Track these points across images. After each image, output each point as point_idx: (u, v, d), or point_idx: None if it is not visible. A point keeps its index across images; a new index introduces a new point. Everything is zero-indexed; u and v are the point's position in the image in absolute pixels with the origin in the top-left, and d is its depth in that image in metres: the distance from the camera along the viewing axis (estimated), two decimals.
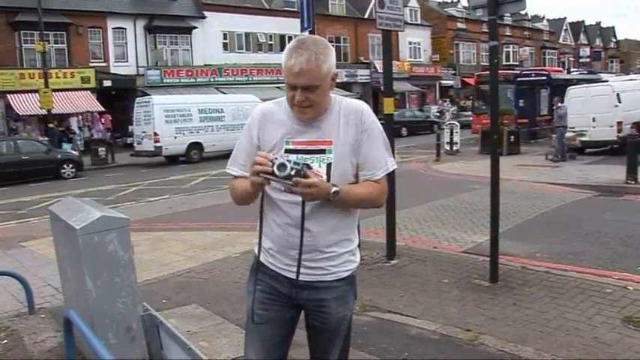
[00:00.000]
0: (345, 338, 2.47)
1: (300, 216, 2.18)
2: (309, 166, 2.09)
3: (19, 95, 25.41)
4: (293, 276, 2.28)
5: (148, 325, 3.53)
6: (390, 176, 2.34)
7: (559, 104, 17.69)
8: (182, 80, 31.40)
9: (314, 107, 2.18)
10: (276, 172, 2.02)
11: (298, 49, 2.12)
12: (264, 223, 2.31)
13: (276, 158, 2.04)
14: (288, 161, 2.03)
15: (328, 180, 2.18)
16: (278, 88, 32.14)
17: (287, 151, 2.20)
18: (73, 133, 26.11)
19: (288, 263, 2.28)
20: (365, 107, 2.31)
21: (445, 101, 41.54)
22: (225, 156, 18.73)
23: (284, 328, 2.38)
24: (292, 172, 2.02)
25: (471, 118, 27.05)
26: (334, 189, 2.11)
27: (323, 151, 2.20)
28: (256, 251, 2.40)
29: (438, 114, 35.73)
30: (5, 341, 4.62)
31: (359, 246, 2.44)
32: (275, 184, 2.13)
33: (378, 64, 36.56)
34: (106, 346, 2.52)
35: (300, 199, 2.16)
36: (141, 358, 3.51)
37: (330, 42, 2.28)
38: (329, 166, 2.19)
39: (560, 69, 36.51)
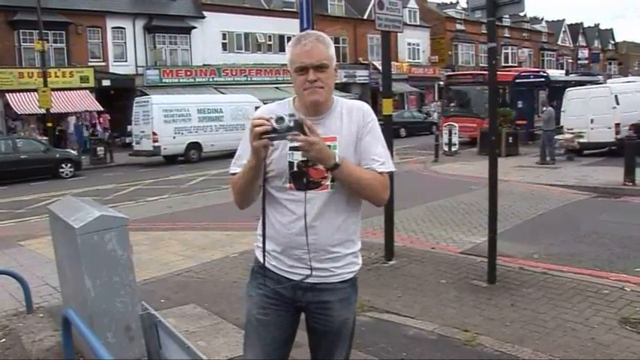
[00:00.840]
0: (348, 343, 2.46)
1: (308, 213, 2.20)
2: None
3: (17, 94, 25.37)
4: (297, 277, 2.28)
5: (147, 324, 3.53)
6: (389, 177, 2.35)
7: (544, 108, 17.60)
8: (181, 80, 31.37)
9: (325, 89, 2.22)
10: (275, 125, 2.01)
11: (304, 35, 2.26)
12: (267, 224, 2.31)
13: (271, 117, 2.03)
14: (286, 115, 2.03)
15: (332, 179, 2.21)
16: (277, 88, 32.15)
17: (291, 148, 2.20)
18: (105, 130, 26.10)
19: (292, 265, 2.28)
20: (366, 106, 2.37)
21: (433, 102, 41.31)
22: (223, 156, 18.67)
23: (285, 332, 2.38)
24: (291, 124, 2.01)
25: (440, 121, 26.57)
26: (338, 155, 2.14)
27: (328, 147, 2.20)
28: (258, 254, 2.39)
29: (424, 115, 35.61)
30: (3, 340, 4.63)
31: None
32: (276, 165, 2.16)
33: (377, 65, 36.58)
34: (104, 346, 2.53)
35: (308, 195, 2.20)
36: (139, 357, 3.51)
37: None
38: None
39: (533, 69, 35.83)
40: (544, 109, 17.57)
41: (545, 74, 25.88)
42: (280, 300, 2.33)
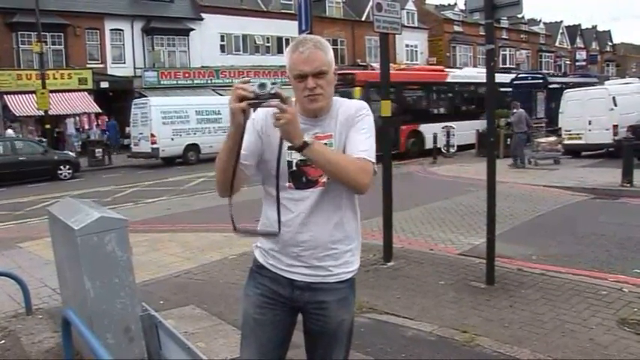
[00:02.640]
0: (346, 344, 2.46)
1: (306, 210, 2.23)
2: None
3: (16, 96, 25.37)
4: (295, 277, 2.29)
5: (147, 325, 3.54)
6: (388, 178, 2.36)
7: (514, 110, 17.44)
8: (179, 82, 31.35)
9: (324, 95, 2.22)
10: (258, 91, 2.00)
11: (302, 41, 2.23)
12: (266, 224, 2.33)
13: (253, 83, 2.02)
14: (269, 81, 2.02)
15: None
16: None
17: (290, 147, 2.19)
18: (104, 132, 26.22)
19: (290, 263, 2.29)
20: (363, 103, 2.37)
21: None
22: None
23: (281, 332, 2.38)
24: (272, 92, 2.00)
25: None
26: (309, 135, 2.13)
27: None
28: (257, 254, 2.40)
29: None
30: (3, 341, 4.64)
31: None
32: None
33: (376, 67, 36.56)
34: (104, 347, 2.53)
35: (306, 194, 2.22)
36: (139, 358, 3.52)
37: None
38: None
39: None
40: (514, 111, 17.41)
41: (541, 76, 25.79)
42: (277, 300, 2.34)
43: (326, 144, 2.23)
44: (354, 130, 2.27)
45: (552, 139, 17.12)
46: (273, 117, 2.03)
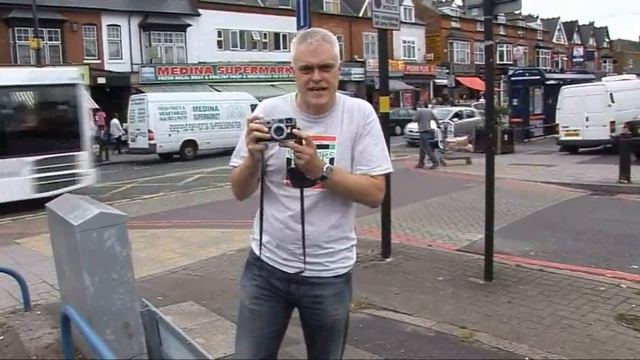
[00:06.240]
0: (343, 338, 2.47)
1: (300, 209, 2.21)
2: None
3: None
4: (291, 270, 2.29)
5: (148, 320, 3.54)
6: (385, 177, 2.35)
7: (417, 108, 17.25)
8: (176, 78, 31.28)
9: (329, 90, 2.22)
10: (275, 136, 2.04)
11: (310, 33, 2.24)
12: (264, 218, 2.32)
13: (268, 122, 2.06)
14: (280, 121, 2.05)
15: None
16: (272, 86, 32.09)
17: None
18: (101, 128, 26.25)
19: (287, 258, 2.29)
20: (368, 106, 2.36)
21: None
22: (219, 154, 18.51)
23: (276, 324, 2.39)
24: (289, 131, 2.04)
25: None
26: (328, 164, 2.16)
27: (326, 146, 2.23)
28: (253, 246, 2.41)
29: None
30: (2, 337, 4.64)
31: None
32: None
33: (372, 63, 36.59)
34: (103, 343, 2.53)
35: (304, 192, 2.20)
36: (138, 353, 3.52)
37: None
38: (331, 160, 2.22)
39: None
40: (417, 109, 17.22)
41: (538, 72, 25.79)
42: (273, 292, 2.35)
43: (327, 145, 2.22)
44: (365, 140, 2.28)
45: (461, 138, 16.93)
46: (293, 155, 2.10)
